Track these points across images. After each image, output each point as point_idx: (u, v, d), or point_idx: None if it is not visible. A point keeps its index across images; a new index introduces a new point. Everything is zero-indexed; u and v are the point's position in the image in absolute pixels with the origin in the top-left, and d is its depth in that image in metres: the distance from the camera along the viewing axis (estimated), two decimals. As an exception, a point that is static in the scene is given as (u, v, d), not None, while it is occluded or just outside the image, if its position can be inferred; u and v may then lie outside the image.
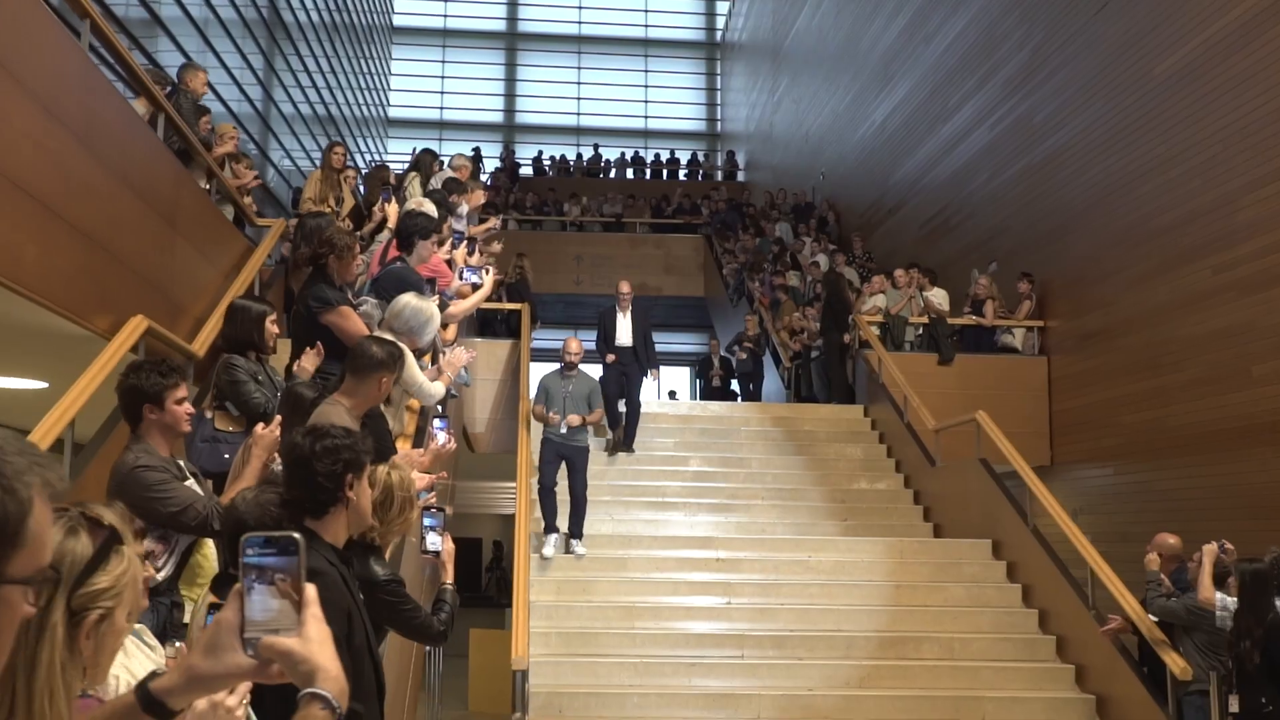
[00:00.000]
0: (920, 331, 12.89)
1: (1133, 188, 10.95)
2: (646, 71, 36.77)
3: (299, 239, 6.07)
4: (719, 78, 36.51)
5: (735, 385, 15.57)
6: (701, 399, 15.99)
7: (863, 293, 13.52)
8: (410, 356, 5.32)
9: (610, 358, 10.72)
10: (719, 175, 30.22)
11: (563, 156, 29.56)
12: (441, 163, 9.85)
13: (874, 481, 10.80)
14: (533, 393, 9.87)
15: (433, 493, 4.48)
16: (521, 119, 35.98)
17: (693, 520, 9.78)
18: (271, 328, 4.95)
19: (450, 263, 6.81)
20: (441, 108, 35.06)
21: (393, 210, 6.56)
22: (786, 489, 10.43)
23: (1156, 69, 10.59)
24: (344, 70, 25.95)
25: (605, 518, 9.52)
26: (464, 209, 9.31)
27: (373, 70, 30.74)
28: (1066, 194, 12.20)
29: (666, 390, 21.04)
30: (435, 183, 9.53)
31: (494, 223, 10.55)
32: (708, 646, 7.78)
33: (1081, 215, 11.90)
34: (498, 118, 35.74)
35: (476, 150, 28.56)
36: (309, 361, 4.84)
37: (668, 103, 36.18)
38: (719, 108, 36.32)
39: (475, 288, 6.64)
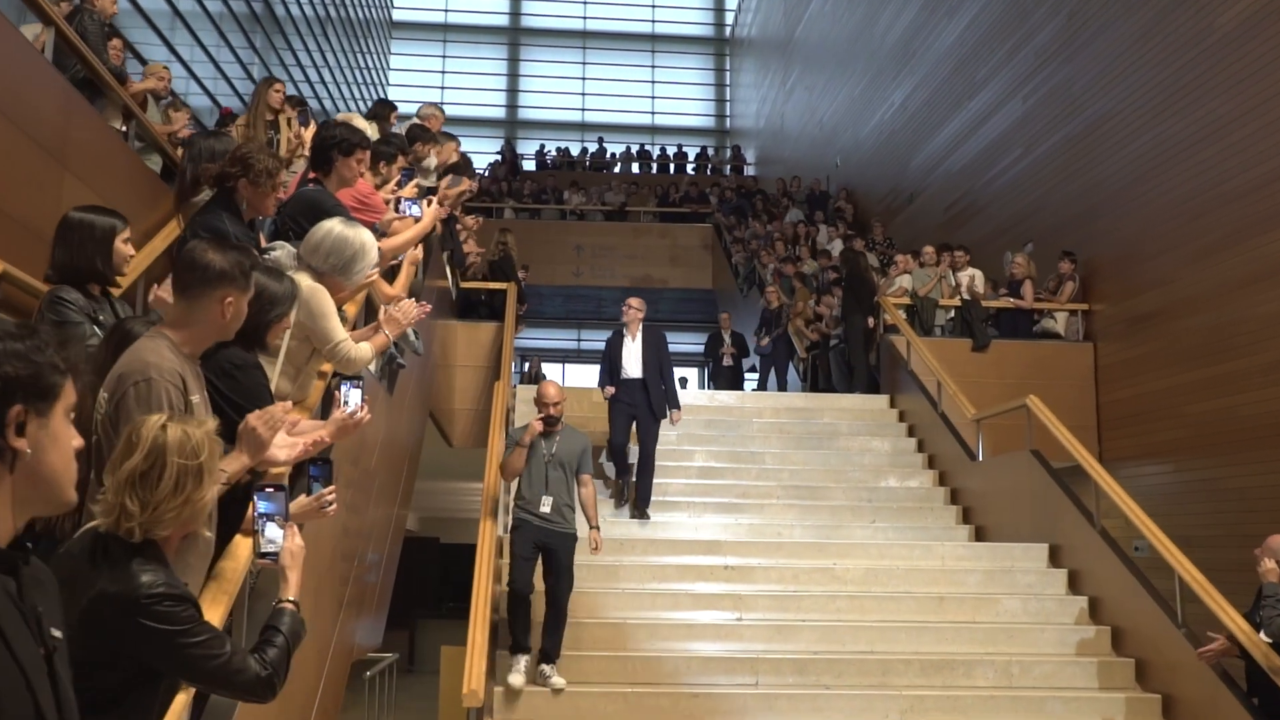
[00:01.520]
0: (951, 315, 11.61)
1: (1192, 153, 9.77)
2: (653, 67, 36.17)
3: (185, 162, 4.76)
4: (728, 73, 35.80)
5: (752, 366, 14.13)
6: (710, 380, 14.64)
7: (889, 274, 12.21)
8: (325, 302, 4.03)
9: (609, 390, 8.73)
10: (727, 170, 28.98)
11: (566, 150, 28.40)
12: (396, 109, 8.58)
13: (904, 478, 9.48)
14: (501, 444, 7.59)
15: (331, 491, 3.10)
16: (524, 114, 35.33)
17: (697, 522, 8.46)
18: (123, 249, 3.67)
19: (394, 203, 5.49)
20: (441, 103, 34.01)
21: (309, 134, 5.19)
22: (805, 487, 9.11)
23: (1218, 21, 9.51)
24: (339, 65, 25.17)
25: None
26: (431, 162, 8.03)
27: (370, 65, 29.95)
28: (1112, 165, 11.03)
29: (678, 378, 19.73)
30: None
31: (469, 185, 9.26)
32: (715, 672, 6.43)
33: (1130, 187, 10.71)
34: (499, 113, 34.93)
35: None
36: (167, 291, 3.56)
37: (675, 99, 35.55)
38: (728, 104, 35.65)
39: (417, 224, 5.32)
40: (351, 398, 3.49)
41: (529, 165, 27.40)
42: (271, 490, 2.58)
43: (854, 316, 11.60)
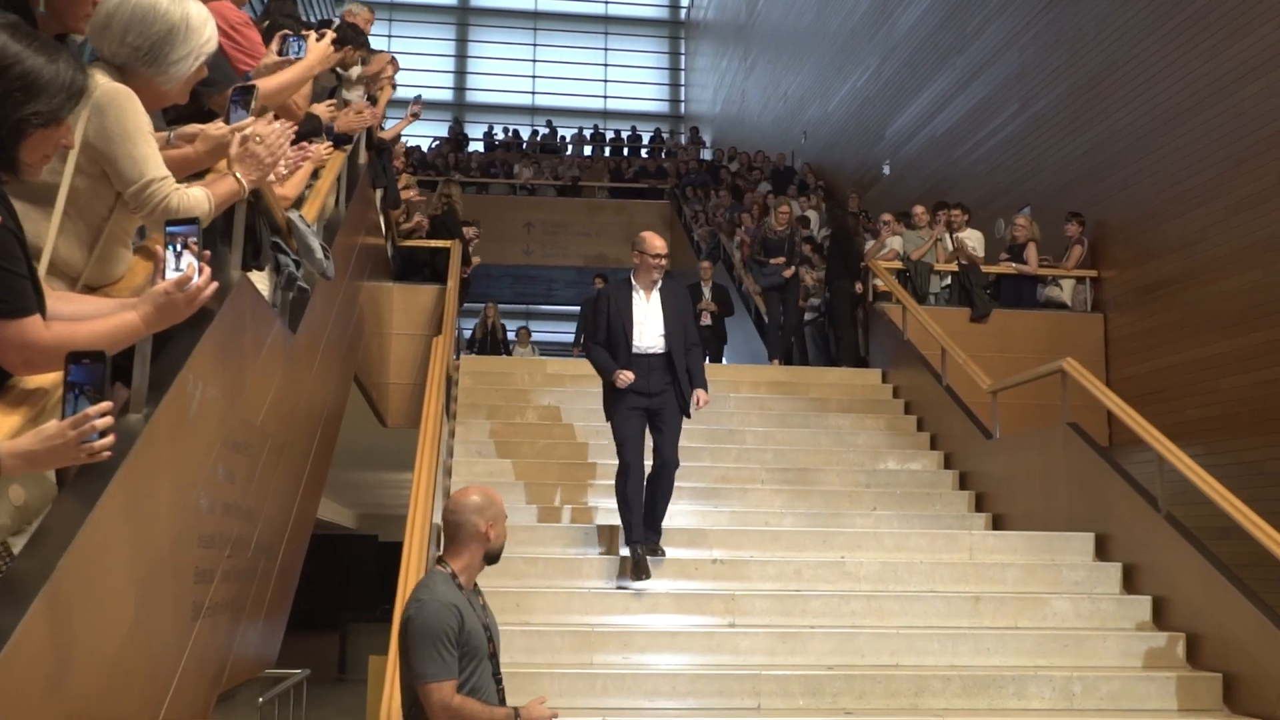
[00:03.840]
0: (946, 282, 10.42)
1: (1229, 93, 8.63)
2: (606, 50, 35.08)
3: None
4: (683, 57, 34.77)
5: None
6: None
7: (880, 235, 10.95)
8: (131, 114, 2.49)
9: (624, 378, 5.76)
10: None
11: (515, 132, 26.94)
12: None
13: (905, 460, 8.22)
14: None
15: (100, 411, 1.74)
16: (472, 97, 34.03)
17: (671, 509, 7.11)
18: None
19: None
20: (385, 83, 32.50)
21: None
22: (794, 469, 7.82)
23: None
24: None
25: (552, 504, 6.85)
26: (356, 71, 6.62)
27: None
28: (1127, 115, 9.90)
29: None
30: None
31: (417, 109, 7.98)
32: (705, 693, 5.08)
33: (1150, 138, 9.57)
34: (447, 95, 33.48)
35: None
36: None
37: (628, 82, 34.57)
38: (683, 88, 34.63)
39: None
40: (183, 259, 2.09)
41: (476, 147, 25.93)
42: None
43: (839, 282, 10.36)
